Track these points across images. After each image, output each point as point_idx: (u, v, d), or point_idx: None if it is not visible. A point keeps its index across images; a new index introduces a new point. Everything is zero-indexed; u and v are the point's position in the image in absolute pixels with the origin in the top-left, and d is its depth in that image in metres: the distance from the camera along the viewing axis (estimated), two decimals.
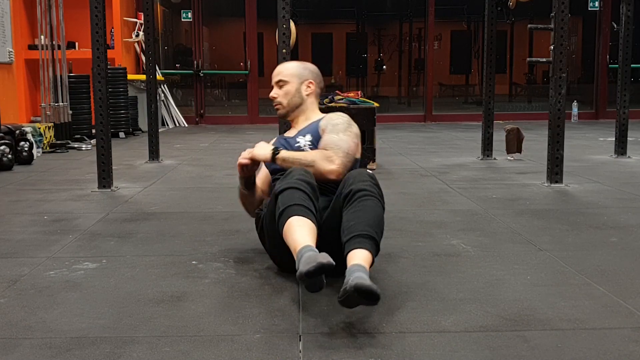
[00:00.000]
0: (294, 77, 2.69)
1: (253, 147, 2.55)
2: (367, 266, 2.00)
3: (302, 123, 2.70)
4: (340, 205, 2.24)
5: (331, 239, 2.19)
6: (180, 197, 4.20)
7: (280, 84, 2.69)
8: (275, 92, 2.70)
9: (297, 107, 2.69)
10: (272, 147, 2.52)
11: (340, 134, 2.49)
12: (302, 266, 1.90)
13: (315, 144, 2.54)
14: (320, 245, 2.08)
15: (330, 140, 2.47)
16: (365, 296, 1.85)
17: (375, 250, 2.09)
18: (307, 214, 2.15)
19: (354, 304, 1.90)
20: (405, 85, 13.15)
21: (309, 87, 2.70)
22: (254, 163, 2.55)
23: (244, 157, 2.54)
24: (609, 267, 2.52)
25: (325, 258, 1.90)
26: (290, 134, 2.73)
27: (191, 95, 11.50)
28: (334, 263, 1.90)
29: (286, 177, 2.27)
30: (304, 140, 2.58)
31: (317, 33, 13.36)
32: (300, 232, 2.09)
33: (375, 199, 2.20)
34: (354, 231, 2.10)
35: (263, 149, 2.51)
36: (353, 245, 2.07)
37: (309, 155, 2.44)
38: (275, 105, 2.71)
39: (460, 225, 3.26)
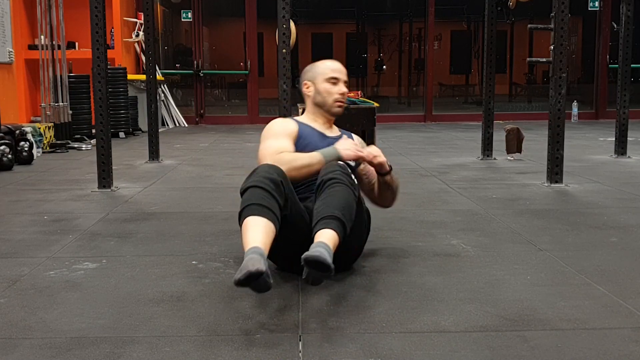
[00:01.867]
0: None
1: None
2: (330, 244, 2.02)
3: (331, 125, 2.73)
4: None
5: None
6: (180, 197, 4.20)
7: (346, 84, 2.70)
8: (345, 90, 2.69)
9: None
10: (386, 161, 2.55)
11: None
12: (237, 272, 1.89)
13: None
14: (307, 241, 2.10)
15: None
16: (312, 265, 1.88)
17: (340, 230, 2.11)
18: (264, 213, 2.13)
19: (313, 278, 1.94)
20: (405, 85, 13.15)
21: None
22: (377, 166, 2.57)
23: (372, 154, 2.51)
24: (609, 267, 2.52)
25: (254, 265, 1.86)
26: (326, 131, 2.70)
27: (191, 95, 11.50)
28: (262, 269, 1.86)
29: (250, 175, 2.27)
30: (353, 144, 2.56)
31: (317, 33, 13.36)
32: (251, 233, 2.08)
33: (344, 185, 2.21)
34: (321, 214, 2.13)
35: (378, 155, 2.52)
36: (319, 226, 2.10)
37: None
38: (342, 103, 2.69)
39: (460, 225, 3.26)
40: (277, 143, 2.51)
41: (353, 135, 2.77)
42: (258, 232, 2.08)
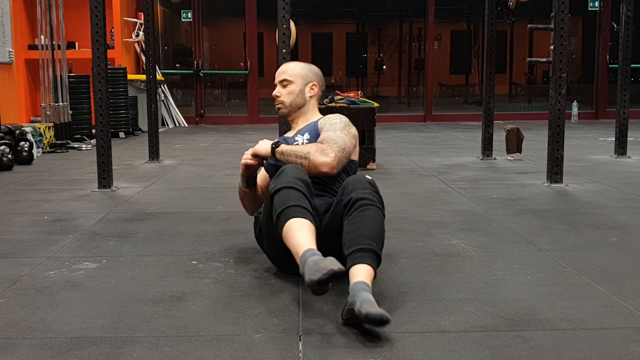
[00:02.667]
0: (298, 77, 2.69)
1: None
2: (370, 282, 1.99)
3: (301, 124, 2.70)
4: (340, 212, 2.23)
5: (332, 244, 2.19)
6: (180, 197, 4.20)
7: (285, 83, 2.69)
8: (278, 91, 2.70)
9: (299, 107, 2.69)
10: (271, 141, 2.54)
11: (337, 132, 2.50)
12: (310, 272, 1.89)
13: (313, 142, 2.55)
14: (321, 249, 2.07)
15: (327, 136, 2.49)
16: (376, 323, 1.83)
17: (376, 264, 2.08)
18: (305, 214, 2.14)
19: (359, 324, 1.89)
20: (405, 85, 13.15)
21: (312, 89, 2.71)
22: (258, 160, 2.57)
23: (247, 157, 2.56)
24: (609, 267, 2.52)
25: (334, 264, 1.89)
26: (289, 134, 2.73)
27: (191, 95, 11.50)
28: (344, 269, 1.90)
29: (280, 176, 2.26)
30: (302, 139, 2.58)
31: (317, 33, 13.36)
32: (301, 235, 2.08)
33: (375, 207, 2.19)
34: (355, 244, 2.08)
35: (264, 144, 2.53)
36: (355, 260, 2.05)
37: (305, 148, 2.46)
38: (278, 104, 2.71)
39: (460, 225, 3.26)
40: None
41: (322, 118, 2.67)
42: (307, 234, 2.09)
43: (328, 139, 2.46)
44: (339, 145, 2.45)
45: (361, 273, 2.01)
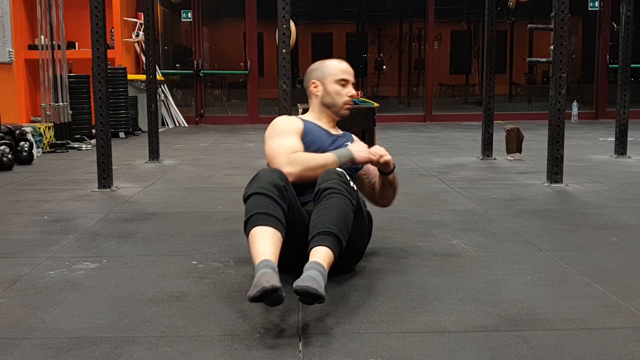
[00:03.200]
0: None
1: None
2: (324, 263, 2.01)
3: (333, 128, 2.73)
4: None
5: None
6: (180, 197, 4.20)
7: (354, 86, 2.70)
8: (354, 92, 2.69)
9: None
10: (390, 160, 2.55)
11: None
12: (251, 288, 1.87)
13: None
14: (304, 247, 2.11)
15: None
16: (302, 297, 1.87)
17: (336, 246, 2.10)
18: (270, 222, 2.12)
19: (305, 303, 1.93)
20: (405, 85, 13.15)
21: None
22: (382, 166, 2.57)
23: (380, 154, 2.51)
24: (609, 267, 2.52)
25: (269, 281, 1.84)
26: (333, 131, 2.71)
27: (191, 95, 11.50)
28: (277, 285, 1.85)
29: (253, 181, 2.25)
30: (353, 147, 2.58)
31: (317, 33, 13.36)
32: (260, 244, 2.07)
33: (340, 195, 2.19)
34: (317, 229, 2.12)
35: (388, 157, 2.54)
36: (314, 242, 2.09)
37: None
38: (351, 105, 2.69)
39: (460, 225, 3.26)
40: (288, 141, 2.48)
41: (353, 135, 2.77)
42: (267, 244, 2.07)
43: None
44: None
45: (316, 254, 2.04)
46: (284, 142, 2.47)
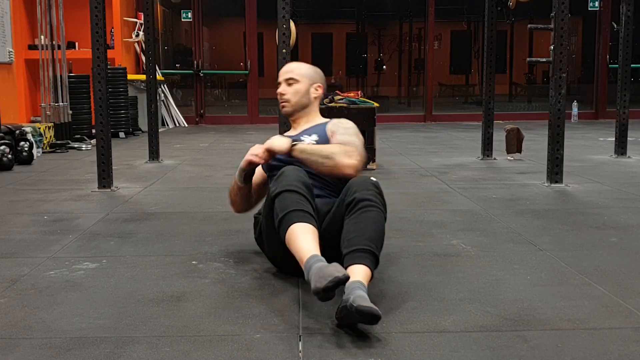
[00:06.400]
0: (305, 77, 2.69)
1: (253, 145, 2.54)
2: (366, 283, 1.98)
3: (303, 124, 2.70)
4: (342, 212, 2.23)
5: (332, 245, 2.18)
6: (180, 197, 4.20)
7: (291, 82, 2.68)
8: (284, 89, 2.68)
9: (303, 107, 2.70)
10: (290, 138, 2.48)
11: (352, 137, 2.52)
12: (316, 280, 1.87)
13: (322, 143, 2.53)
14: (321, 251, 2.08)
15: (346, 139, 2.49)
16: (366, 318, 1.82)
17: (374, 266, 2.08)
18: (308, 219, 2.13)
19: (352, 323, 1.89)
20: (405, 85, 13.15)
21: (317, 90, 2.71)
22: (269, 157, 2.49)
23: (256, 153, 2.47)
24: (609, 267, 2.52)
25: (339, 271, 1.87)
26: (291, 133, 2.73)
27: (191, 95, 11.49)
28: (349, 276, 1.88)
29: (280, 178, 2.25)
30: (309, 139, 2.57)
31: (317, 33, 13.36)
32: (304, 240, 2.07)
33: (377, 209, 2.18)
34: (354, 244, 2.08)
35: (280, 141, 2.45)
36: (353, 259, 2.05)
37: (329, 148, 2.43)
38: (283, 102, 2.69)
39: (460, 225, 3.26)
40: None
41: (330, 121, 2.69)
42: (310, 240, 2.07)
43: (349, 143, 2.46)
44: (359, 150, 2.46)
45: (358, 273, 2.01)
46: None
